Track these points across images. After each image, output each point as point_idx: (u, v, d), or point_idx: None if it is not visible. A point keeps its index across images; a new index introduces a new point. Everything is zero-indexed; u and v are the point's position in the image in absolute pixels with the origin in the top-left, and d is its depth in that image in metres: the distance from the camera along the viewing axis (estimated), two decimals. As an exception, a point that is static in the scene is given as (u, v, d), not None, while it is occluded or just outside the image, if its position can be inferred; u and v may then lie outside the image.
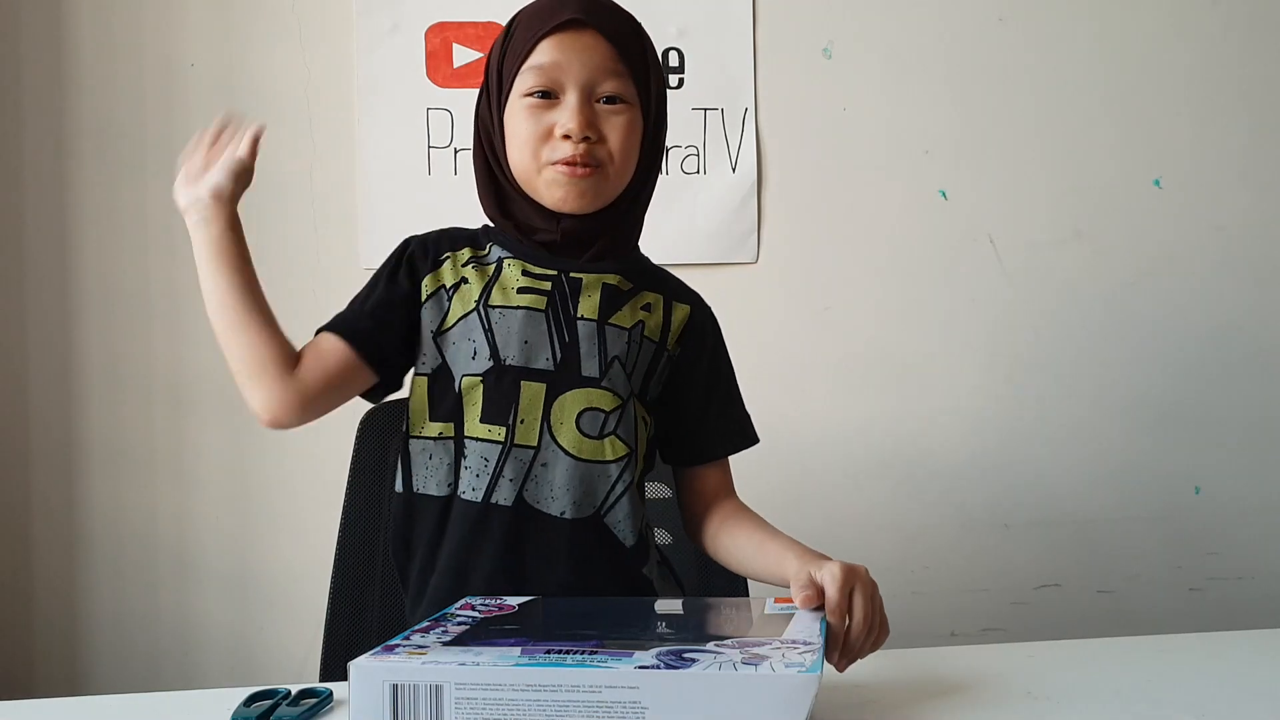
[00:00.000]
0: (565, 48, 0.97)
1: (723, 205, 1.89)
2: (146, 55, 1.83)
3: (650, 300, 1.05)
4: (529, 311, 0.99)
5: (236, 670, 1.84)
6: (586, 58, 0.97)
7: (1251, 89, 1.98)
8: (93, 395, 1.83)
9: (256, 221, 1.84)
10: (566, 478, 0.98)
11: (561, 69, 0.97)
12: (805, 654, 0.70)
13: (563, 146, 0.97)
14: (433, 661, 0.68)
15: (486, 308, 1.00)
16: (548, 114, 0.97)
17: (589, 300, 1.01)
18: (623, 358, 1.00)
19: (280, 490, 1.84)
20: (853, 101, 1.93)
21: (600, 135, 0.98)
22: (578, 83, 0.97)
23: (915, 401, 1.93)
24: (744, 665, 0.67)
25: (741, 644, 0.73)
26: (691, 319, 1.07)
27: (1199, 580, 1.99)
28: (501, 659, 0.68)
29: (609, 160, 0.99)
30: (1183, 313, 1.98)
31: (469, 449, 0.98)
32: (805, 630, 0.77)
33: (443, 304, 1.01)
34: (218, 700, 0.83)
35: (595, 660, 0.68)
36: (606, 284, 1.02)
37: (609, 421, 0.99)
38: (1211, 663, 0.92)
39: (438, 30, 1.86)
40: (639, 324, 1.02)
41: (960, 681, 0.86)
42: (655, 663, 0.67)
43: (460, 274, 1.02)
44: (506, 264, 1.02)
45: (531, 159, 0.99)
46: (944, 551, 1.94)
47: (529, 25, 0.99)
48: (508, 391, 0.97)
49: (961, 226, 1.94)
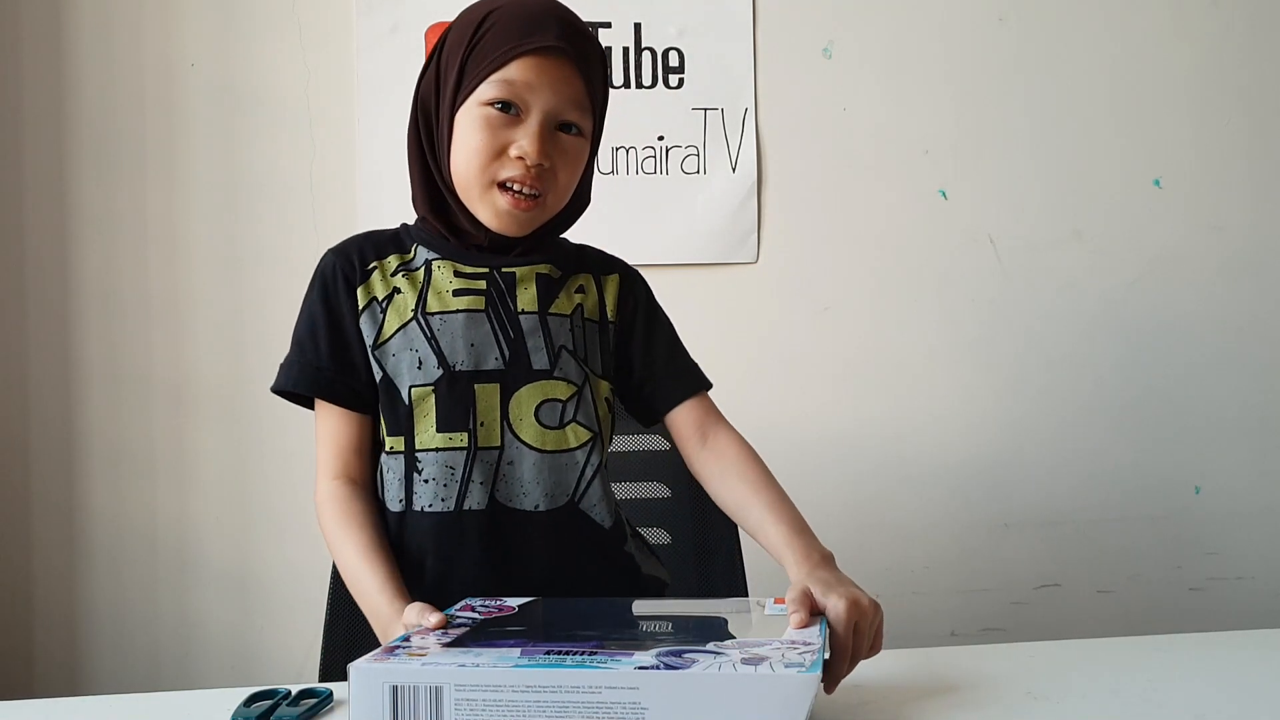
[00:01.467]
0: (540, 71, 0.95)
1: (723, 205, 1.89)
2: (146, 55, 1.83)
3: (582, 282, 1.05)
4: (469, 314, 0.99)
5: (236, 670, 1.84)
6: (559, 87, 0.95)
7: (1251, 89, 1.99)
8: (93, 395, 1.83)
9: (257, 221, 1.86)
10: (535, 472, 0.98)
11: (532, 90, 0.95)
12: (805, 654, 0.70)
13: (514, 166, 0.96)
14: (432, 663, 0.68)
15: (425, 316, 0.99)
16: (505, 131, 0.95)
17: (526, 293, 1.01)
18: (570, 345, 1.01)
19: (280, 490, 1.84)
20: (853, 101, 1.93)
21: (552, 165, 0.97)
22: (543, 108, 0.95)
23: (915, 401, 1.93)
24: (744, 665, 0.67)
25: (742, 644, 0.73)
26: (621, 286, 1.08)
27: (1199, 580, 1.99)
28: (501, 660, 0.68)
29: (552, 189, 0.98)
30: (1183, 313, 1.98)
31: (424, 461, 0.97)
32: (805, 630, 0.77)
33: (377, 317, 1.00)
34: (218, 700, 0.83)
35: (595, 661, 0.68)
36: (539, 274, 1.02)
37: (567, 410, 1.00)
38: (1211, 663, 0.92)
39: (438, 30, 1.85)
40: (578, 308, 1.03)
41: (960, 681, 0.86)
42: (655, 663, 0.67)
43: (391, 284, 1.01)
44: (436, 266, 1.01)
45: (479, 173, 0.97)
46: (944, 551, 1.94)
47: (505, 34, 0.95)
48: (462, 397, 0.97)
49: (961, 226, 1.94)
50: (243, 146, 1.84)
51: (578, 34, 0.97)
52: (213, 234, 1.84)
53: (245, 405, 1.85)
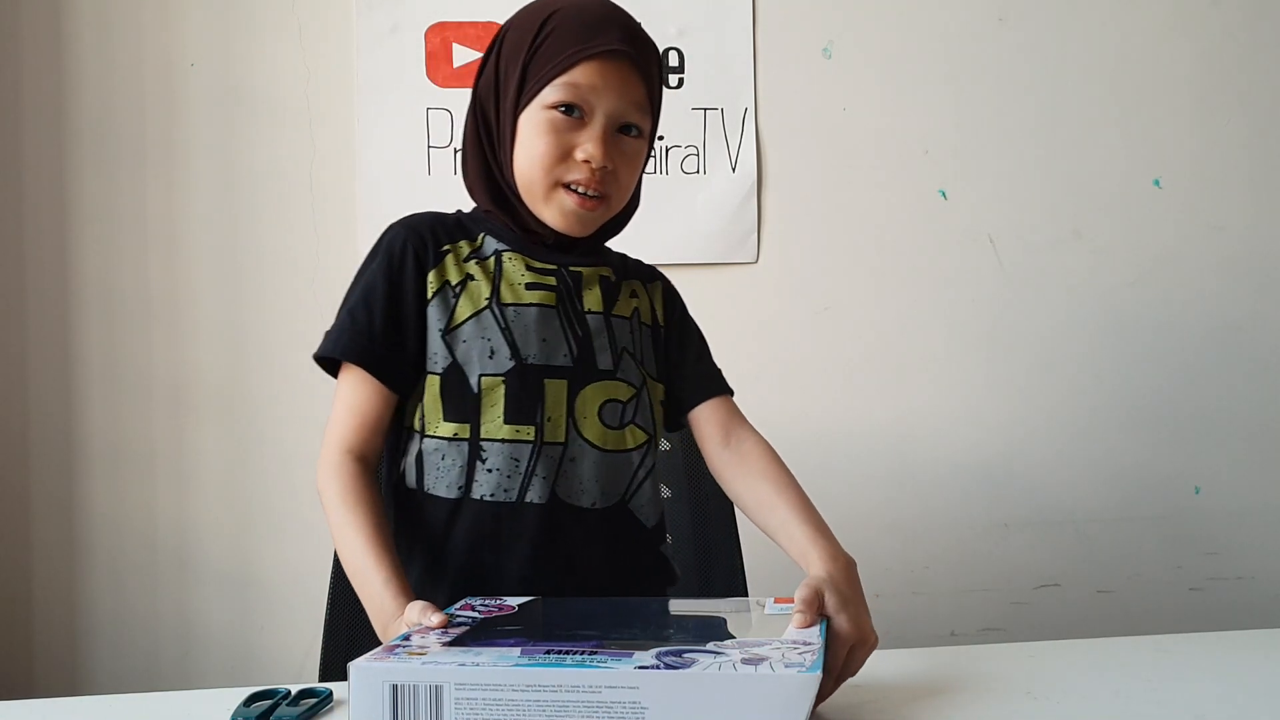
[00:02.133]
0: (605, 74, 0.96)
1: (723, 205, 1.89)
2: (146, 55, 1.83)
3: (634, 288, 1.08)
4: (541, 308, 0.99)
5: (236, 670, 1.84)
6: (622, 90, 0.97)
7: (1251, 89, 1.99)
8: (93, 395, 1.83)
9: (256, 221, 1.86)
10: (594, 470, 0.99)
11: (596, 93, 0.96)
12: (805, 654, 0.70)
13: (580, 169, 0.97)
14: (432, 662, 0.68)
15: (500, 306, 0.99)
16: (570, 134, 0.97)
17: (592, 294, 1.03)
18: (630, 348, 1.03)
19: (280, 490, 1.84)
20: (853, 101, 1.93)
21: (615, 167, 0.99)
22: (607, 111, 0.97)
23: (915, 401, 1.93)
24: (744, 665, 0.67)
25: (742, 644, 0.73)
26: (665, 294, 1.12)
27: (1199, 580, 1.99)
28: (501, 659, 0.68)
29: (615, 193, 1.01)
30: (1183, 313, 1.98)
31: (489, 451, 0.97)
32: (806, 631, 0.77)
33: (449, 301, 1.00)
34: (218, 700, 0.83)
35: (595, 660, 0.68)
36: (602, 276, 1.04)
37: (627, 411, 1.01)
38: (1211, 663, 0.92)
39: (438, 30, 1.86)
40: (635, 311, 1.06)
41: (960, 681, 0.86)
42: (655, 663, 0.67)
43: (464, 270, 1.01)
44: (507, 258, 1.02)
45: (543, 175, 0.98)
46: (944, 551, 1.94)
47: (568, 37, 0.96)
48: (532, 390, 0.97)
49: (961, 226, 1.94)
50: (243, 146, 1.84)
51: (638, 37, 0.99)
52: (213, 234, 1.84)
53: (245, 405, 1.85)
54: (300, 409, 1.84)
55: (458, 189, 1.11)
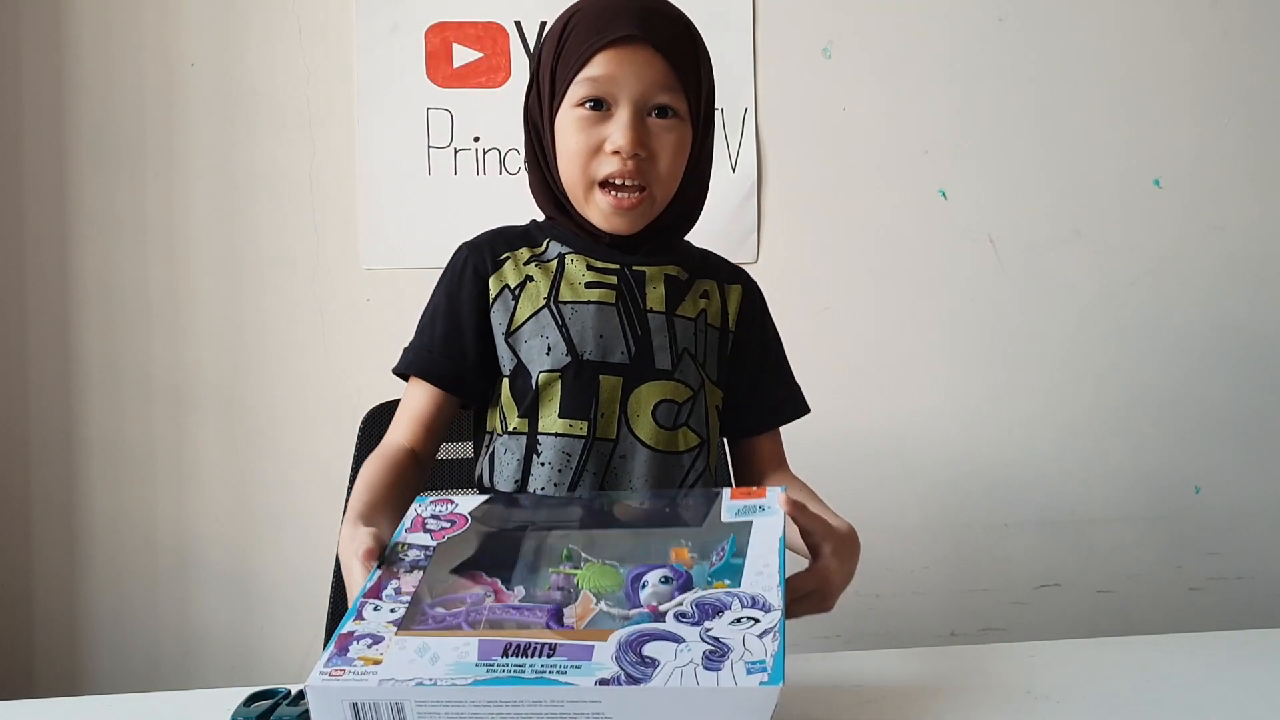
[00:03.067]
0: (621, 61, 0.96)
1: (723, 205, 1.89)
2: (146, 55, 1.83)
3: (706, 288, 1.06)
4: (600, 305, 1.00)
5: (236, 670, 1.84)
6: (641, 73, 0.97)
7: (1251, 89, 1.99)
8: (93, 395, 1.83)
9: (256, 221, 1.86)
10: (645, 469, 0.99)
11: (616, 82, 0.96)
12: (767, 638, 0.70)
13: (611, 162, 0.97)
14: (390, 679, 0.68)
15: (558, 304, 1.00)
16: (599, 127, 0.97)
17: (655, 292, 1.02)
18: (692, 349, 1.02)
19: (280, 490, 1.84)
20: (853, 101, 1.93)
21: (650, 152, 0.98)
22: (630, 97, 0.97)
23: (915, 401, 1.93)
24: (706, 671, 0.67)
25: (700, 604, 0.73)
26: (744, 298, 1.09)
27: (1199, 580, 1.99)
28: (459, 670, 0.68)
29: (655, 180, 0.99)
30: (1183, 313, 1.98)
31: (544, 445, 0.98)
32: (765, 570, 0.76)
33: (509, 304, 1.01)
34: (218, 700, 0.83)
35: (555, 669, 0.68)
36: (668, 275, 1.04)
37: (682, 413, 1.01)
38: (1211, 663, 0.92)
39: (438, 30, 1.86)
40: (702, 313, 1.05)
41: (960, 681, 0.86)
42: (616, 671, 0.68)
43: (524, 272, 1.02)
44: (569, 259, 1.02)
45: (580, 174, 0.99)
46: (944, 551, 1.94)
47: (584, 33, 0.97)
48: (587, 386, 0.98)
49: (961, 226, 1.95)
50: (243, 146, 1.84)
51: (656, 17, 0.99)
52: (213, 234, 1.84)
53: (245, 405, 1.85)
54: (300, 409, 1.84)
55: (458, 189, 1.12)
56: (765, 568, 0.77)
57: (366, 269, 1.85)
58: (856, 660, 0.92)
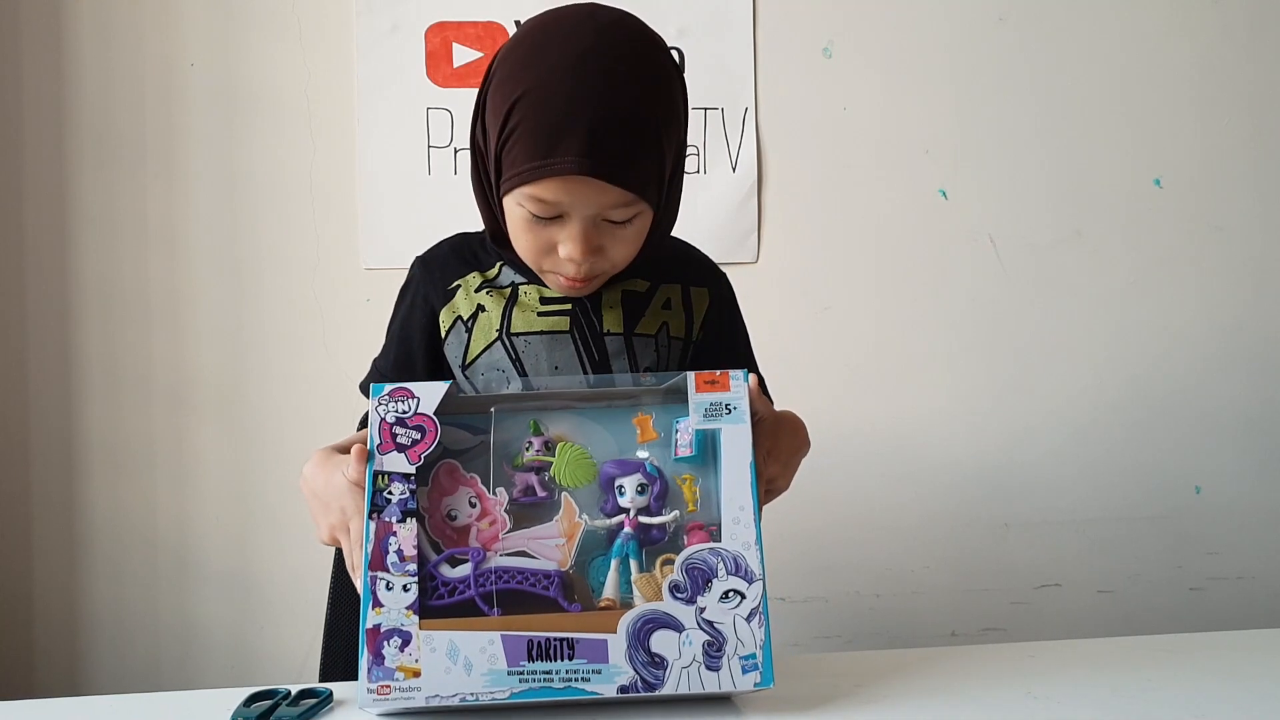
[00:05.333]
0: (569, 189, 0.87)
1: (723, 205, 1.89)
2: (146, 55, 1.83)
3: (670, 295, 1.04)
4: (553, 335, 0.99)
5: (236, 670, 1.84)
6: (593, 198, 0.88)
7: (1251, 89, 1.98)
8: (93, 395, 1.83)
9: (256, 221, 1.86)
10: None
11: (564, 205, 0.89)
12: (754, 622, 0.77)
13: (564, 264, 0.92)
14: (435, 695, 0.76)
15: (510, 336, 0.99)
16: (549, 230, 0.91)
17: (612, 314, 1.01)
18: (654, 367, 1.01)
19: (280, 490, 1.84)
20: (853, 101, 1.93)
21: (604, 250, 0.93)
22: (582, 215, 0.90)
23: (915, 401, 1.93)
24: (709, 671, 0.76)
25: (691, 573, 0.79)
26: (711, 303, 1.07)
27: (1199, 580, 1.99)
28: (493, 680, 0.76)
29: (610, 266, 0.95)
30: (1183, 313, 1.98)
31: None
32: (741, 517, 0.81)
33: (463, 337, 1.00)
34: (218, 700, 0.83)
35: (579, 678, 0.76)
36: (626, 290, 1.02)
37: None
38: (1211, 663, 0.92)
39: (438, 30, 1.86)
40: (663, 326, 1.03)
41: (960, 681, 0.86)
42: (633, 676, 0.76)
43: (476, 302, 1.01)
44: (523, 291, 1.01)
45: (532, 262, 0.95)
46: (944, 551, 1.94)
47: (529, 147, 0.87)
48: None
49: (961, 226, 1.94)
50: (243, 146, 1.84)
51: (605, 137, 0.85)
52: (213, 234, 1.84)
53: (245, 405, 1.85)
54: (300, 409, 1.84)
55: (458, 189, 1.12)
56: (741, 512, 0.82)
57: (366, 269, 1.85)
58: (856, 660, 0.92)
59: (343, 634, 1.18)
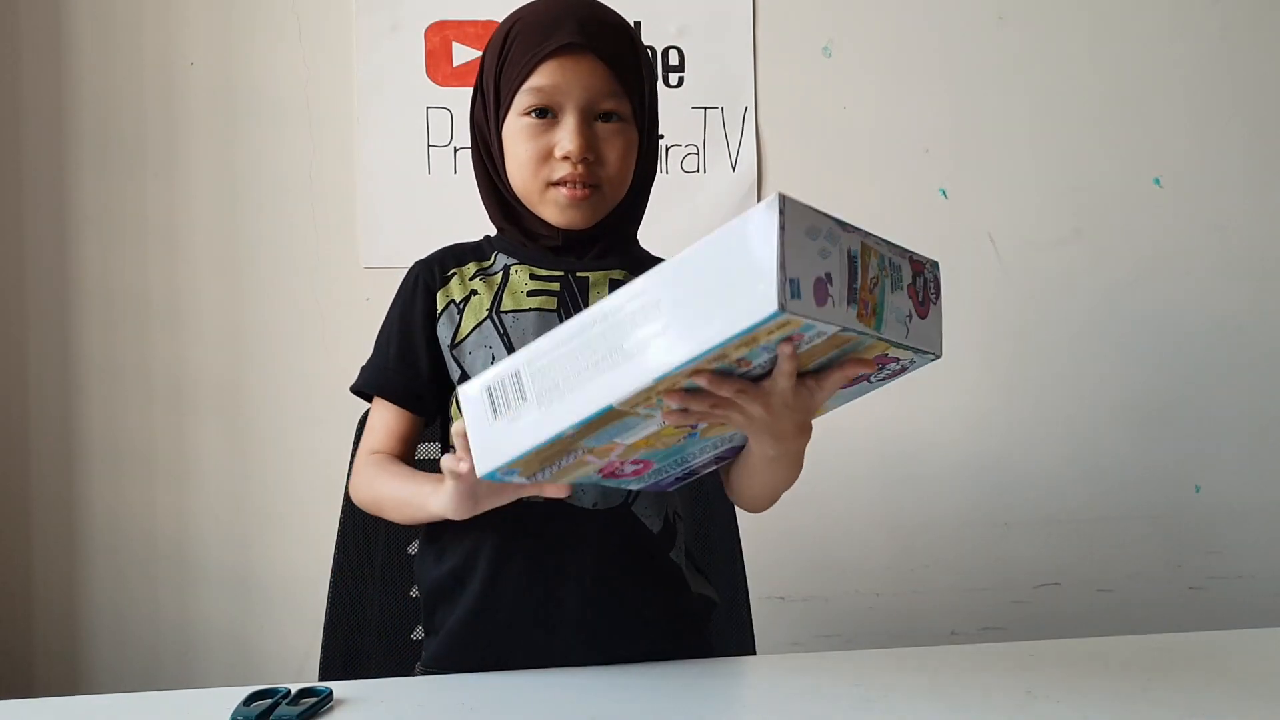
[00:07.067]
0: (565, 70, 0.98)
1: (723, 204, 1.89)
2: (146, 55, 1.83)
3: None
4: (541, 313, 1.01)
5: (236, 670, 1.84)
6: (586, 80, 0.98)
7: (1251, 89, 1.98)
8: (93, 395, 1.83)
9: (256, 221, 1.86)
10: None
11: (561, 90, 0.98)
12: None
13: (562, 166, 0.99)
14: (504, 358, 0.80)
15: (499, 314, 1.02)
16: (547, 134, 0.99)
17: (598, 297, 1.03)
18: None
19: (280, 490, 1.84)
20: (853, 100, 1.93)
21: (598, 155, 1.00)
22: (576, 104, 0.98)
23: (915, 400, 1.93)
24: None
25: None
26: None
27: (1199, 579, 1.99)
28: None
29: (606, 180, 1.01)
30: (1183, 313, 1.98)
31: None
32: None
33: (454, 318, 1.04)
34: (218, 700, 0.83)
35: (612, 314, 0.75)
36: (613, 279, 1.04)
37: None
38: (1211, 663, 0.92)
39: (437, 29, 1.86)
40: None
41: (960, 681, 0.86)
42: None
43: (469, 287, 1.04)
44: (513, 270, 1.04)
45: (532, 178, 1.00)
46: (944, 551, 1.94)
47: (526, 43, 0.99)
48: None
49: (961, 226, 1.95)
50: (243, 146, 1.84)
51: (596, 24, 1.00)
52: (212, 234, 1.84)
53: (245, 405, 1.85)
54: (300, 409, 1.84)
55: (458, 188, 1.13)
56: None
57: (367, 269, 1.85)
58: (856, 660, 0.92)
59: (342, 634, 1.18)
